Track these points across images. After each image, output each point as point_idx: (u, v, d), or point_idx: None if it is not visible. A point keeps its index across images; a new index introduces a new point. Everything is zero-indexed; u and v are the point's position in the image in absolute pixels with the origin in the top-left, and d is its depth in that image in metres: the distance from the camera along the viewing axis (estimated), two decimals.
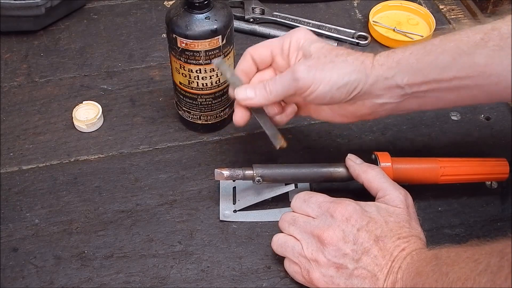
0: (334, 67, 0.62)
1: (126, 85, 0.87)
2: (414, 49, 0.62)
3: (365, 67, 0.62)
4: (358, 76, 0.61)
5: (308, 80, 0.61)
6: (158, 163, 0.76)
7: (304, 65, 0.62)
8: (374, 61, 0.62)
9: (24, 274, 0.65)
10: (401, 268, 0.57)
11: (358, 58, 0.62)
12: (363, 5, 1.00)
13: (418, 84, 0.61)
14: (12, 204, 0.72)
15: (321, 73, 0.61)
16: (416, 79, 0.61)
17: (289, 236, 0.63)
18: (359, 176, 0.66)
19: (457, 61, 0.60)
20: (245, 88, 0.65)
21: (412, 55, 0.62)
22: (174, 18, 0.69)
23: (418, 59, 0.61)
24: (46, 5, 0.90)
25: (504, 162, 0.70)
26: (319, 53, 0.63)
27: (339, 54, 0.63)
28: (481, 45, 0.59)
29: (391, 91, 0.62)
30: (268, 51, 0.66)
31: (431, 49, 0.61)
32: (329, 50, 0.63)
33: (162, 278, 0.65)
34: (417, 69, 0.61)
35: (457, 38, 0.61)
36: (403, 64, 0.62)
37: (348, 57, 0.62)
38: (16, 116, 0.82)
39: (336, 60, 0.62)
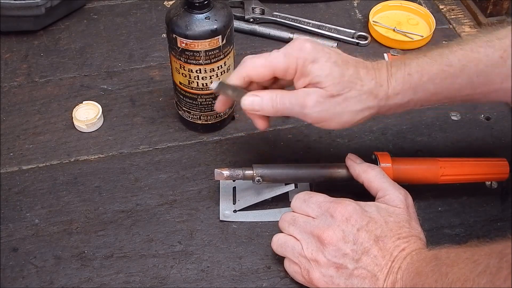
0: (346, 106, 0.60)
1: (126, 85, 0.87)
2: (432, 73, 0.61)
3: (379, 101, 0.61)
4: (371, 112, 0.61)
5: (318, 117, 0.61)
6: (158, 163, 0.76)
7: (314, 100, 0.60)
8: (390, 89, 0.61)
9: (24, 274, 0.65)
10: (401, 268, 0.57)
11: (372, 92, 0.61)
12: (363, 5, 1.00)
13: (428, 103, 0.63)
14: (12, 204, 0.72)
15: (333, 112, 0.60)
16: (430, 102, 0.62)
17: (289, 236, 0.63)
18: (359, 176, 0.66)
19: (473, 82, 0.60)
20: (253, 97, 0.62)
21: (429, 81, 0.61)
22: (174, 18, 0.69)
23: (435, 84, 0.61)
24: (46, 5, 0.90)
25: (504, 162, 0.70)
26: (330, 83, 0.59)
27: (352, 83, 0.60)
28: (500, 64, 0.59)
29: (398, 110, 0.63)
30: (270, 72, 0.62)
31: (450, 72, 0.61)
32: (340, 76, 0.60)
33: (162, 278, 0.65)
34: (434, 93, 0.61)
35: (476, 57, 0.60)
36: (420, 90, 0.61)
37: (360, 92, 0.60)
38: (16, 116, 0.82)
39: (349, 96, 0.60)
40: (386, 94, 0.61)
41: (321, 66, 0.60)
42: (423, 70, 0.61)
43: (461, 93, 0.62)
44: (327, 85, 0.60)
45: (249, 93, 0.63)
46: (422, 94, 0.62)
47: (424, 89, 0.61)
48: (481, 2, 0.98)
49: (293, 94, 0.62)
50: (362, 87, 0.61)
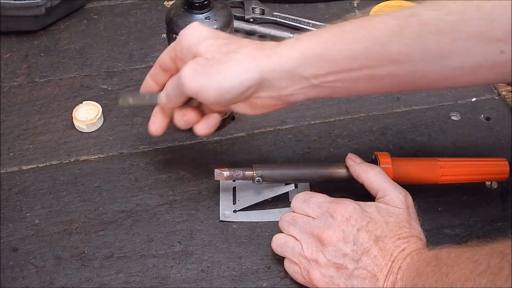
0: (221, 68, 0.57)
1: (126, 85, 0.87)
2: (324, 37, 0.57)
3: (258, 63, 0.57)
4: (249, 75, 0.57)
5: (195, 87, 0.58)
6: (158, 163, 0.76)
7: (189, 69, 0.58)
8: (272, 53, 0.58)
9: (24, 274, 0.65)
10: (401, 269, 0.57)
11: (250, 53, 0.58)
12: (363, 5, 1.00)
13: (325, 75, 0.57)
14: (12, 204, 0.72)
15: (206, 78, 0.58)
16: (322, 70, 0.57)
17: (289, 236, 0.63)
18: (359, 175, 0.66)
19: (369, 50, 0.56)
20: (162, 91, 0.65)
21: (320, 43, 0.57)
22: (174, 18, 0.69)
23: (326, 48, 0.57)
24: (46, 5, 0.90)
25: (504, 162, 0.70)
26: (207, 53, 0.59)
27: (230, 50, 0.58)
28: (397, 32, 0.55)
29: (295, 82, 0.58)
30: (168, 56, 0.64)
31: (343, 37, 0.57)
32: (219, 47, 0.59)
33: (162, 278, 0.65)
34: (324, 59, 0.57)
35: (371, 25, 0.57)
36: (308, 54, 0.57)
37: (238, 54, 0.58)
38: (16, 116, 0.82)
39: (224, 59, 0.58)
40: (267, 55, 0.58)
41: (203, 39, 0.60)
42: (313, 34, 0.59)
43: (357, 64, 0.56)
44: (202, 51, 0.59)
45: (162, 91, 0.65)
46: (312, 58, 0.57)
47: (314, 52, 0.57)
48: None
49: (174, 76, 0.62)
50: (240, 49, 0.58)
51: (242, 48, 0.59)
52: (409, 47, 0.55)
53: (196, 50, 0.60)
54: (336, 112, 0.82)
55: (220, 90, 0.58)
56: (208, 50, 0.59)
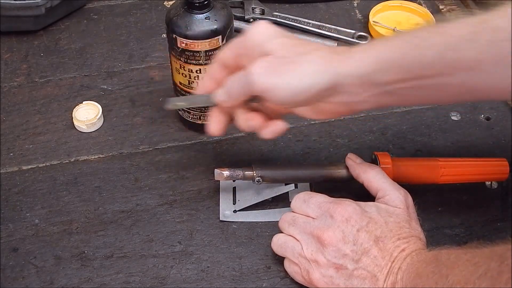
0: (294, 69, 0.55)
1: (126, 85, 0.87)
2: (397, 43, 0.57)
3: (333, 66, 0.56)
4: (324, 77, 0.56)
5: (265, 85, 0.56)
6: (158, 163, 0.76)
7: (260, 67, 0.56)
8: (347, 57, 0.56)
9: (24, 274, 0.65)
10: (401, 269, 0.57)
11: (325, 56, 0.56)
12: (363, 5, 1.00)
13: (398, 82, 0.56)
14: (12, 204, 0.72)
15: (279, 77, 0.55)
16: (396, 76, 0.56)
17: (289, 237, 0.63)
18: (359, 175, 0.66)
19: (443, 57, 0.55)
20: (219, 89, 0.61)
21: (394, 49, 0.56)
22: (174, 18, 0.69)
23: (401, 54, 0.56)
24: (46, 5, 0.90)
25: (504, 162, 0.70)
26: (279, 51, 0.57)
27: (304, 51, 0.56)
28: (470, 39, 0.54)
29: (367, 89, 0.57)
30: (232, 52, 0.61)
31: (417, 43, 0.56)
32: (291, 47, 0.57)
33: (162, 278, 0.65)
34: (399, 65, 0.56)
35: (444, 31, 0.56)
36: (383, 60, 0.56)
37: (312, 55, 0.56)
38: (16, 116, 0.82)
39: (298, 59, 0.56)
40: (342, 60, 0.56)
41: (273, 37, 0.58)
42: (387, 40, 0.58)
43: (432, 69, 0.55)
44: (273, 50, 0.57)
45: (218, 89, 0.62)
46: (386, 64, 0.56)
47: (389, 57, 0.56)
48: (481, 3, 0.98)
49: (239, 73, 0.59)
50: (313, 51, 0.57)
51: (315, 50, 0.57)
52: (483, 54, 0.54)
53: (266, 48, 0.57)
54: None
55: (293, 90, 0.56)
56: (279, 48, 0.57)
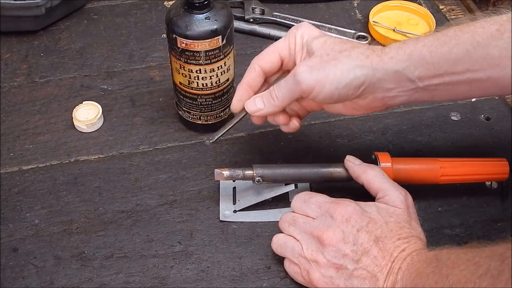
0: (337, 64, 0.60)
1: (126, 85, 0.87)
2: (427, 40, 0.60)
3: (371, 61, 0.60)
4: (364, 72, 0.60)
5: (311, 82, 0.60)
6: (158, 163, 0.76)
7: (306, 65, 0.60)
8: (383, 54, 0.60)
9: (24, 274, 0.65)
10: (401, 269, 0.57)
11: (363, 52, 0.60)
12: (363, 5, 1.00)
13: (430, 77, 0.60)
14: (12, 204, 0.72)
15: (324, 72, 0.60)
16: (428, 72, 0.60)
17: (289, 237, 0.63)
18: (359, 177, 0.66)
19: (471, 54, 0.58)
20: (254, 99, 0.64)
21: (424, 47, 0.59)
22: (174, 18, 0.69)
23: (431, 52, 0.59)
24: (46, 5, 0.90)
25: (504, 162, 0.70)
26: (321, 50, 0.61)
27: (343, 49, 0.61)
28: (497, 37, 0.57)
29: (401, 84, 0.61)
30: (276, 56, 0.65)
31: (445, 40, 0.59)
32: (333, 45, 0.61)
33: (162, 278, 0.65)
34: (430, 62, 0.59)
35: (472, 29, 0.59)
36: (415, 56, 0.60)
37: (352, 52, 0.60)
38: (16, 116, 0.82)
39: (339, 56, 0.60)
40: (378, 56, 0.60)
41: (315, 37, 0.63)
42: (417, 39, 0.61)
43: (460, 67, 0.59)
44: (316, 49, 0.61)
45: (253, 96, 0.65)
46: (418, 62, 0.59)
47: (419, 56, 0.59)
48: (481, 3, 0.98)
49: (287, 76, 0.63)
50: (353, 49, 0.61)
51: (355, 47, 0.61)
52: (508, 51, 0.57)
53: (310, 48, 0.62)
54: None
55: (337, 84, 0.60)
56: (322, 47, 0.61)
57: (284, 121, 0.67)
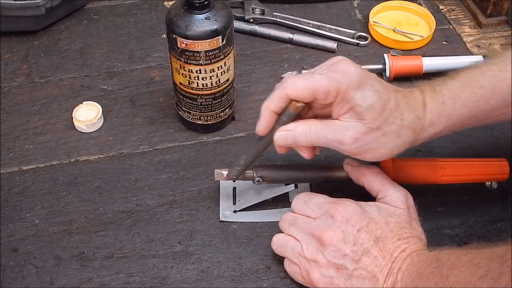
0: (384, 142, 0.59)
1: (126, 85, 0.87)
2: (465, 97, 0.60)
3: (416, 134, 0.60)
4: (406, 146, 0.61)
5: (355, 152, 0.60)
6: (158, 164, 0.76)
7: (352, 138, 0.58)
8: (426, 121, 0.60)
9: (24, 275, 0.65)
10: (401, 269, 0.57)
11: (411, 125, 0.59)
12: (363, 5, 1.00)
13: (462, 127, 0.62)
14: (12, 204, 0.72)
15: (370, 147, 0.59)
16: (464, 126, 0.62)
17: (289, 237, 0.63)
18: (359, 178, 0.66)
19: (506, 101, 0.60)
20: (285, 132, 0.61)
21: (463, 106, 0.60)
22: (174, 19, 0.69)
23: (469, 109, 0.60)
24: (46, 5, 0.90)
25: (504, 162, 0.70)
26: (370, 115, 0.57)
27: (392, 117, 0.58)
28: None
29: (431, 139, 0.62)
30: (311, 94, 0.58)
31: (482, 94, 0.60)
32: (382, 109, 0.58)
33: (162, 279, 0.65)
34: (467, 117, 0.61)
35: (506, 76, 0.60)
36: (454, 117, 0.60)
37: (400, 126, 0.59)
38: (16, 116, 0.82)
39: (389, 130, 0.58)
40: (422, 127, 0.60)
41: (364, 95, 0.57)
42: (455, 96, 0.60)
43: (495, 113, 0.61)
44: (367, 118, 0.58)
45: (281, 128, 0.61)
46: (456, 120, 0.61)
47: (458, 115, 0.60)
48: (481, 3, 0.98)
49: (329, 128, 0.60)
50: (402, 122, 0.59)
51: (402, 119, 0.59)
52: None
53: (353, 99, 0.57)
54: None
55: (378, 158, 0.61)
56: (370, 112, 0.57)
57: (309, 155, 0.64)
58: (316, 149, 0.64)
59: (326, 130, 0.60)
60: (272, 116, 0.61)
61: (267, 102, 0.61)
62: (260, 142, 0.65)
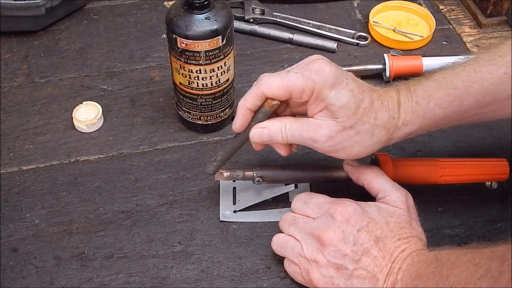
0: (358, 140, 0.59)
1: (126, 85, 0.87)
2: (439, 98, 0.60)
3: (389, 134, 0.61)
4: (380, 146, 0.61)
5: (329, 150, 0.61)
6: (158, 164, 0.76)
7: (325, 135, 0.59)
8: (400, 120, 0.60)
9: (24, 275, 0.65)
10: (401, 269, 0.57)
11: (384, 125, 0.60)
12: (363, 5, 1.00)
13: (437, 127, 0.63)
14: (12, 204, 0.72)
15: (344, 145, 0.60)
16: (438, 126, 0.62)
17: (289, 237, 0.63)
18: (359, 178, 0.66)
19: (480, 102, 0.60)
20: (261, 129, 0.62)
21: (436, 106, 0.60)
22: (174, 19, 0.69)
23: (443, 109, 0.61)
24: (46, 5, 0.90)
25: (504, 162, 0.70)
26: (344, 115, 0.58)
27: (366, 116, 0.59)
28: (505, 80, 0.59)
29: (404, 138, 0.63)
30: (286, 93, 0.59)
31: (456, 95, 0.60)
32: (356, 108, 0.58)
33: (162, 279, 0.65)
34: (442, 117, 0.61)
35: (480, 77, 0.60)
36: (428, 117, 0.61)
37: (374, 125, 0.59)
38: (16, 116, 0.82)
39: (362, 129, 0.59)
40: (396, 126, 0.61)
41: (338, 94, 0.58)
42: (429, 96, 0.61)
43: (469, 114, 0.61)
44: (341, 117, 0.58)
45: (257, 125, 0.62)
46: (430, 120, 0.61)
47: (432, 115, 0.61)
48: (481, 3, 0.98)
49: (304, 126, 0.60)
50: (375, 121, 0.59)
51: (376, 118, 0.59)
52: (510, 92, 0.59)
53: (327, 98, 0.58)
54: None
55: (352, 156, 0.62)
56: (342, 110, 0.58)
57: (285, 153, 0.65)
58: (293, 146, 0.65)
59: (300, 128, 0.60)
60: (248, 114, 0.62)
61: (243, 100, 0.62)
62: (237, 139, 0.66)
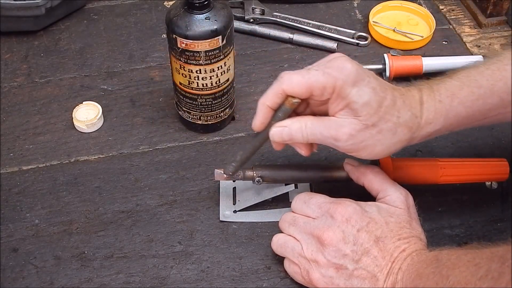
0: (380, 139, 0.58)
1: (126, 85, 0.87)
2: (463, 96, 0.60)
3: (412, 133, 0.60)
4: (402, 144, 0.60)
5: (350, 149, 0.59)
6: (158, 164, 0.76)
7: (347, 134, 0.58)
8: (423, 119, 0.60)
9: (24, 275, 0.65)
10: (401, 269, 0.57)
11: (407, 123, 0.59)
12: (363, 5, 1.00)
13: (460, 126, 0.62)
14: (12, 204, 0.72)
15: (366, 144, 0.59)
16: (462, 126, 0.62)
17: (289, 237, 0.63)
18: (359, 178, 0.66)
19: (504, 100, 0.60)
20: (281, 128, 0.61)
21: (460, 105, 0.60)
22: (174, 19, 0.69)
23: (466, 108, 0.60)
24: (46, 5, 0.90)
25: (504, 162, 0.70)
26: (366, 112, 0.57)
27: (389, 115, 0.58)
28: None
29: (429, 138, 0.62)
30: (307, 90, 0.58)
31: (480, 94, 0.60)
32: (378, 107, 0.57)
33: (162, 279, 0.65)
34: (465, 117, 0.60)
35: (504, 75, 0.60)
36: (451, 116, 0.60)
37: (397, 124, 0.58)
38: (16, 116, 0.82)
39: (384, 128, 0.58)
40: (419, 125, 0.60)
41: (360, 92, 0.57)
42: (453, 94, 0.60)
43: (492, 112, 0.61)
44: (363, 115, 0.57)
45: (277, 124, 0.61)
46: (453, 119, 0.61)
47: (456, 114, 0.60)
48: (481, 3, 0.98)
49: (325, 124, 0.59)
50: (398, 119, 0.58)
51: (399, 117, 0.58)
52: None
53: (349, 96, 0.57)
54: None
55: (374, 155, 0.60)
56: (366, 108, 0.57)
57: (306, 152, 0.64)
58: (313, 146, 0.64)
59: (321, 126, 0.60)
60: (268, 112, 0.61)
61: (263, 98, 0.61)
62: (256, 138, 0.65)
